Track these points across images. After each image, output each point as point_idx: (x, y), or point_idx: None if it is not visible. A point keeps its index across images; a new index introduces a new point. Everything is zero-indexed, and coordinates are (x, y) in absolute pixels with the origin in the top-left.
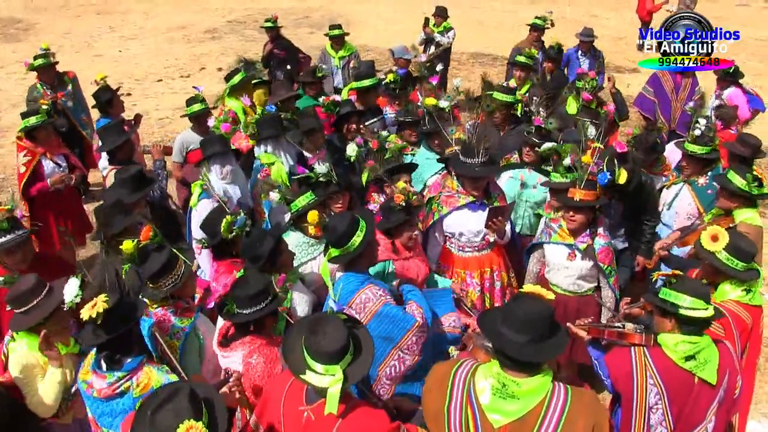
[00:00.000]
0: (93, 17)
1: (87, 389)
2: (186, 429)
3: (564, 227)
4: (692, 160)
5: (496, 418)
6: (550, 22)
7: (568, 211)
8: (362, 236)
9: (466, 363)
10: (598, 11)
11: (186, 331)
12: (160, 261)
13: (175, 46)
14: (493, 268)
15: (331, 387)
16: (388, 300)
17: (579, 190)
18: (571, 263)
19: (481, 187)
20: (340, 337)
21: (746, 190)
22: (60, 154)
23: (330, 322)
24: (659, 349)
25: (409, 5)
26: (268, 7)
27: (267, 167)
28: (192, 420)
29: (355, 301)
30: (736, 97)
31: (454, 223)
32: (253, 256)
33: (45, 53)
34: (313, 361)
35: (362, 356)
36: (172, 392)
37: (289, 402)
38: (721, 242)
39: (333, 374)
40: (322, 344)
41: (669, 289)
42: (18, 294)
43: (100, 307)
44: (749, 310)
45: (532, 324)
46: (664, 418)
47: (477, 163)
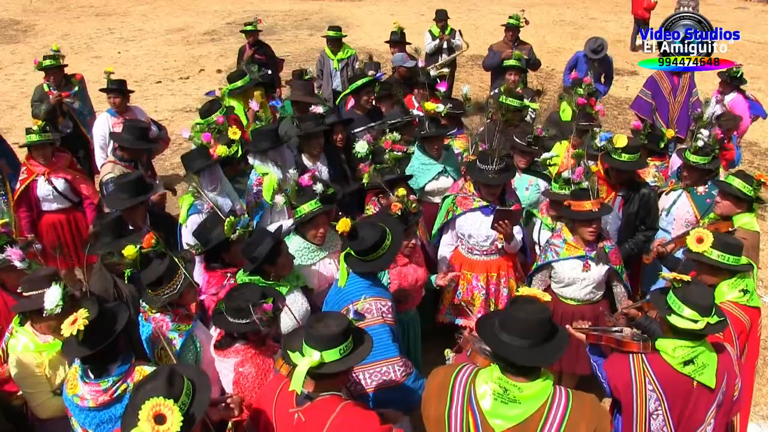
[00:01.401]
0: (92, 19)
1: (80, 402)
2: (152, 405)
3: (570, 241)
4: (693, 170)
5: (498, 423)
6: (524, 20)
7: (589, 225)
8: (386, 250)
9: (466, 368)
10: (596, 14)
11: (183, 338)
12: (160, 270)
13: (174, 48)
14: (501, 274)
15: (301, 365)
16: (387, 321)
17: (591, 201)
18: (587, 273)
19: (496, 194)
20: (340, 326)
21: (748, 194)
22: (62, 177)
23: (333, 315)
24: (657, 355)
25: (406, 8)
26: (267, 9)
27: (261, 176)
28: (162, 397)
29: (356, 306)
30: (738, 103)
31: (465, 224)
32: (252, 256)
33: (55, 54)
34: (308, 347)
35: (363, 346)
36: (153, 374)
37: (281, 404)
38: (707, 242)
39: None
40: (322, 330)
41: (673, 293)
42: (33, 278)
43: (81, 324)
44: (747, 311)
45: (531, 328)
46: (664, 423)
47: (492, 170)
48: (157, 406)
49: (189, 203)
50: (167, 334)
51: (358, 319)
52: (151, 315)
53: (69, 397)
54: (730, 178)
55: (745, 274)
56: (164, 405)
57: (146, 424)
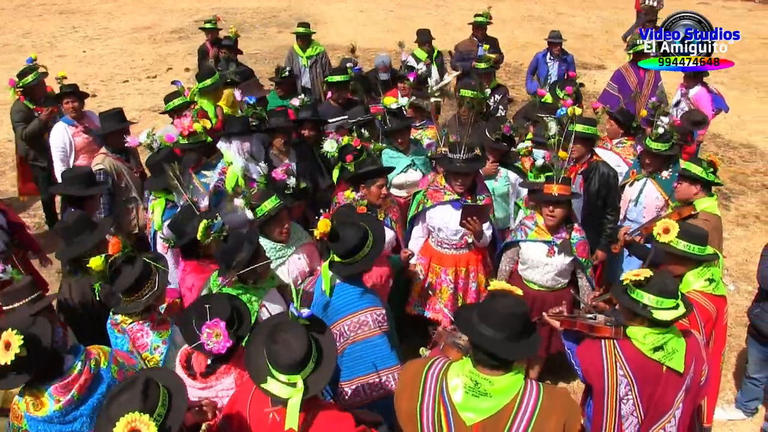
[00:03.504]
0: (55, 17)
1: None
2: (127, 422)
3: (540, 225)
4: (655, 157)
5: (469, 416)
6: (488, 17)
7: (548, 207)
8: (369, 250)
9: (438, 361)
10: (563, 9)
11: (167, 344)
12: (133, 274)
13: (141, 47)
14: (470, 268)
15: (292, 398)
16: (384, 330)
17: (556, 185)
18: (551, 259)
19: (465, 185)
20: (301, 346)
21: (703, 177)
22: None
23: (291, 330)
24: (629, 341)
25: (375, 5)
26: (235, 6)
27: (226, 165)
28: (137, 412)
29: (353, 319)
30: (702, 96)
31: (435, 217)
32: (232, 264)
33: (33, 67)
34: (275, 370)
35: (324, 365)
36: (128, 383)
37: (255, 404)
38: (672, 232)
39: (294, 383)
40: (282, 354)
41: (640, 290)
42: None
43: (13, 354)
44: (713, 300)
45: (510, 322)
46: (635, 408)
47: (459, 159)
48: (132, 422)
49: (162, 208)
50: (149, 345)
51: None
52: (126, 326)
53: (23, 413)
54: (686, 164)
55: (710, 263)
56: (140, 420)
57: None
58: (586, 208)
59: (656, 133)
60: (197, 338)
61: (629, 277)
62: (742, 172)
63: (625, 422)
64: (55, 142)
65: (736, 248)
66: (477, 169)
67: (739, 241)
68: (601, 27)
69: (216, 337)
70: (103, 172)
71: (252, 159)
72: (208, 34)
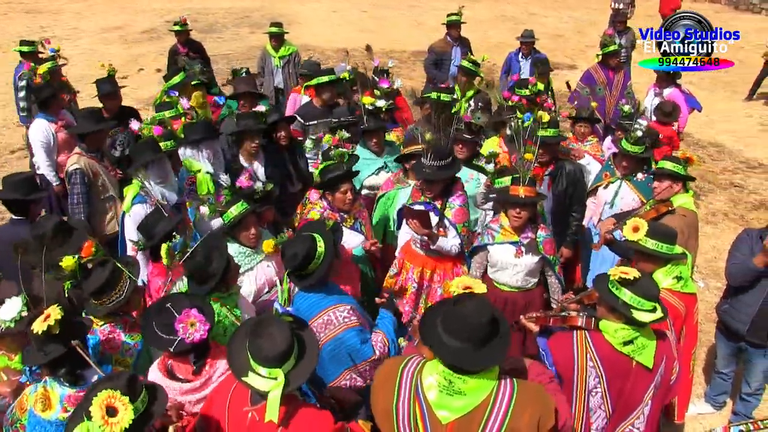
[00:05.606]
0: (21, 16)
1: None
2: (107, 396)
3: (506, 226)
4: (630, 159)
5: (444, 414)
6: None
7: (514, 209)
8: (322, 259)
9: (413, 360)
10: (536, 9)
11: (138, 348)
12: (102, 277)
13: (112, 47)
14: (436, 272)
15: (272, 391)
16: (351, 325)
17: (522, 187)
18: (519, 260)
19: (435, 190)
20: (284, 339)
21: (679, 171)
22: None
23: (274, 325)
24: (600, 334)
25: (349, 4)
26: (208, 6)
27: (192, 174)
28: (118, 391)
29: (317, 320)
30: (676, 97)
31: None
32: (205, 278)
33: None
34: (256, 364)
35: (306, 359)
36: (113, 375)
37: (234, 403)
38: (642, 230)
39: (275, 378)
40: (265, 347)
41: (625, 288)
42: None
43: (53, 319)
44: (682, 298)
45: (472, 331)
46: (603, 401)
47: (427, 165)
48: (112, 398)
49: (134, 192)
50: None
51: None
52: (97, 328)
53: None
54: (661, 162)
55: (678, 261)
56: (119, 399)
57: (97, 411)
58: (554, 207)
59: (634, 136)
60: (169, 342)
61: (617, 273)
62: (711, 170)
63: (593, 415)
64: (38, 137)
65: (706, 245)
66: (445, 177)
67: (708, 238)
68: (574, 27)
69: (192, 326)
70: (80, 172)
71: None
72: (178, 35)
